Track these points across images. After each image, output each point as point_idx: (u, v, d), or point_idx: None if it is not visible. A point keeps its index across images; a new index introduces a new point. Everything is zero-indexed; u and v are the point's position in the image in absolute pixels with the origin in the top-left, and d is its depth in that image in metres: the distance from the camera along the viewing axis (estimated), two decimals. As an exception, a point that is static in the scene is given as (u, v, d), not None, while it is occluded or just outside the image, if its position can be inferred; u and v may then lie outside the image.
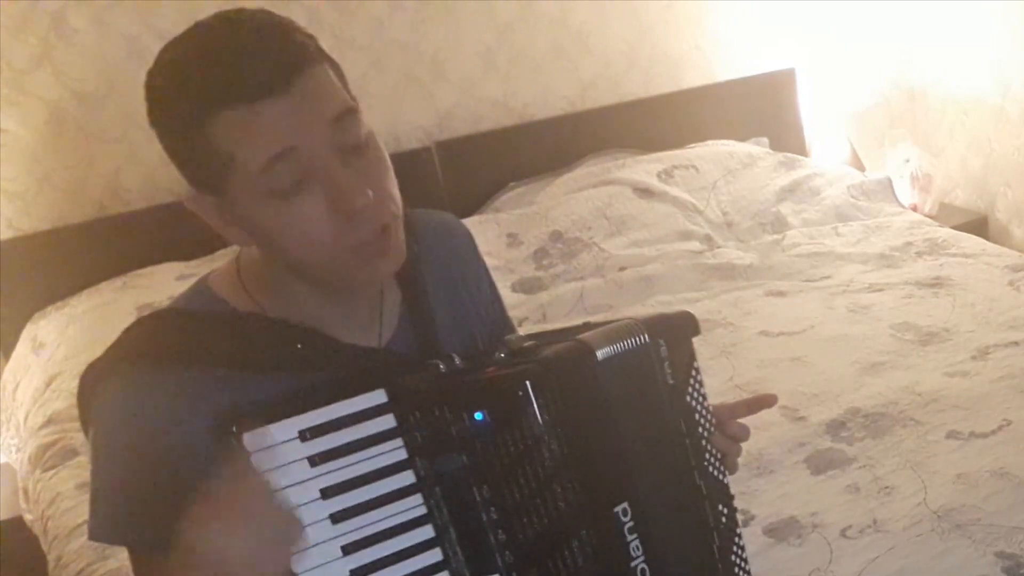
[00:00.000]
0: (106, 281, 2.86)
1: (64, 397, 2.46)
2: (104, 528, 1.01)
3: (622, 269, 2.94)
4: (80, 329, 2.68)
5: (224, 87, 0.91)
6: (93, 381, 1.03)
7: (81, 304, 2.80)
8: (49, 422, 2.44)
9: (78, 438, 2.25)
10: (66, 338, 2.68)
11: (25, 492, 2.44)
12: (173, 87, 0.94)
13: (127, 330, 1.04)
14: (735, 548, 1.11)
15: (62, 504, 2.19)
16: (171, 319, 1.06)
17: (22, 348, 2.78)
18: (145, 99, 0.97)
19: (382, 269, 1.01)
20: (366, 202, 0.95)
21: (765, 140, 3.58)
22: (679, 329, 1.08)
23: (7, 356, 2.85)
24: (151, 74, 0.96)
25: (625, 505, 0.97)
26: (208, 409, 0.96)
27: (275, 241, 0.98)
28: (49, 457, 2.35)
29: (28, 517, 2.40)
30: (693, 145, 3.46)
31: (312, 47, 0.97)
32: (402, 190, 1.03)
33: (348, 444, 0.94)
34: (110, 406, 1.01)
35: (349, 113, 0.97)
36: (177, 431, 0.97)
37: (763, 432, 2.03)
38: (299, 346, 1.03)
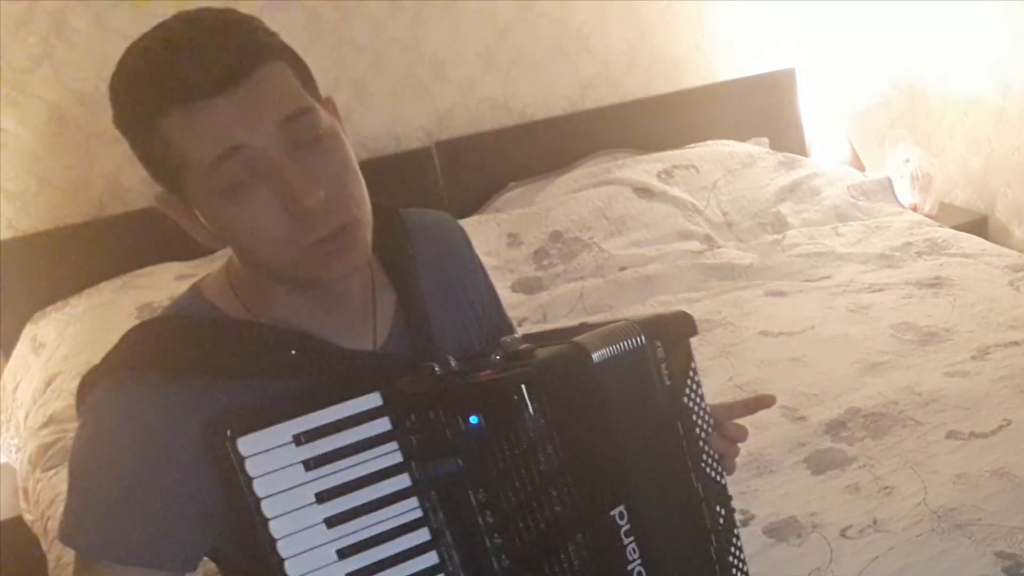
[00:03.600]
0: (106, 281, 2.86)
1: (64, 397, 2.46)
2: (74, 533, 1.01)
3: (622, 269, 2.94)
4: (80, 329, 2.68)
5: (174, 85, 0.90)
6: (88, 388, 1.03)
7: (81, 304, 2.80)
8: (49, 422, 2.44)
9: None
10: (66, 338, 2.68)
11: (25, 492, 2.44)
12: (128, 87, 0.94)
13: (122, 338, 1.04)
14: (733, 549, 1.11)
15: (62, 504, 2.17)
16: (165, 327, 1.06)
17: (22, 348, 2.78)
18: (109, 101, 0.96)
19: (340, 269, 0.99)
20: (316, 202, 0.93)
21: (765, 140, 3.58)
22: (676, 330, 1.08)
23: (7, 356, 2.85)
24: (112, 76, 0.96)
25: (621, 508, 0.97)
26: (202, 416, 0.96)
27: (234, 240, 0.98)
28: (49, 457, 2.35)
29: (28, 517, 2.40)
30: (693, 145, 3.46)
31: (269, 44, 0.95)
32: (402, 190, 1.02)
33: (343, 448, 0.94)
34: (99, 409, 1.01)
35: (303, 113, 0.95)
36: (169, 438, 0.97)
37: (763, 432, 2.03)
38: (293, 352, 1.02)
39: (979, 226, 3.39)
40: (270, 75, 0.94)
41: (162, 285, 2.79)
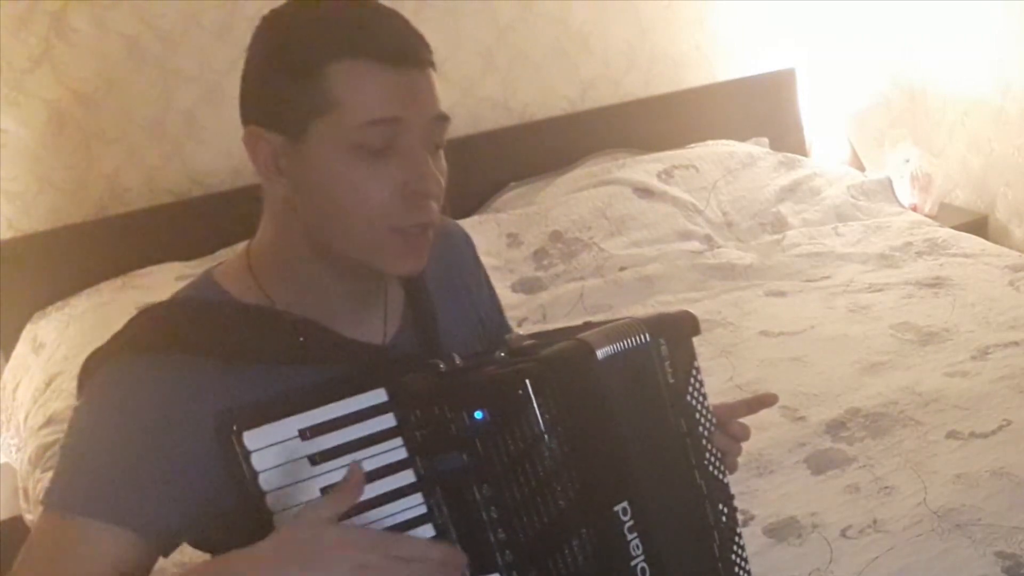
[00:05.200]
0: (106, 281, 2.86)
1: (64, 397, 2.46)
2: (64, 496, 0.98)
3: (622, 269, 2.94)
4: (80, 329, 2.68)
5: (372, 40, 0.98)
6: (94, 365, 1.03)
7: (81, 304, 2.79)
8: (49, 422, 2.44)
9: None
10: (66, 338, 2.67)
11: (25, 492, 2.44)
12: (322, 23, 0.99)
13: (130, 320, 1.04)
14: (735, 547, 1.11)
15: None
16: (172, 309, 1.06)
17: (22, 348, 2.78)
18: (269, 27, 1.01)
19: (404, 265, 1.03)
20: (438, 192, 1.02)
21: (765, 140, 3.58)
22: (679, 328, 1.09)
23: (7, 356, 2.85)
24: (292, 5, 1.02)
25: (625, 504, 0.97)
26: (204, 398, 0.96)
27: (328, 197, 0.99)
28: (49, 457, 2.35)
29: (28, 517, 2.40)
30: (693, 145, 3.46)
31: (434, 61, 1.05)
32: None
33: (348, 443, 0.94)
34: (102, 387, 1.01)
35: (445, 120, 1.04)
36: (167, 417, 0.97)
37: (763, 432, 2.03)
38: (301, 339, 1.03)
39: (979, 226, 3.39)
40: (434, 80, 1.04)
41: (162, 285, 2.78)
